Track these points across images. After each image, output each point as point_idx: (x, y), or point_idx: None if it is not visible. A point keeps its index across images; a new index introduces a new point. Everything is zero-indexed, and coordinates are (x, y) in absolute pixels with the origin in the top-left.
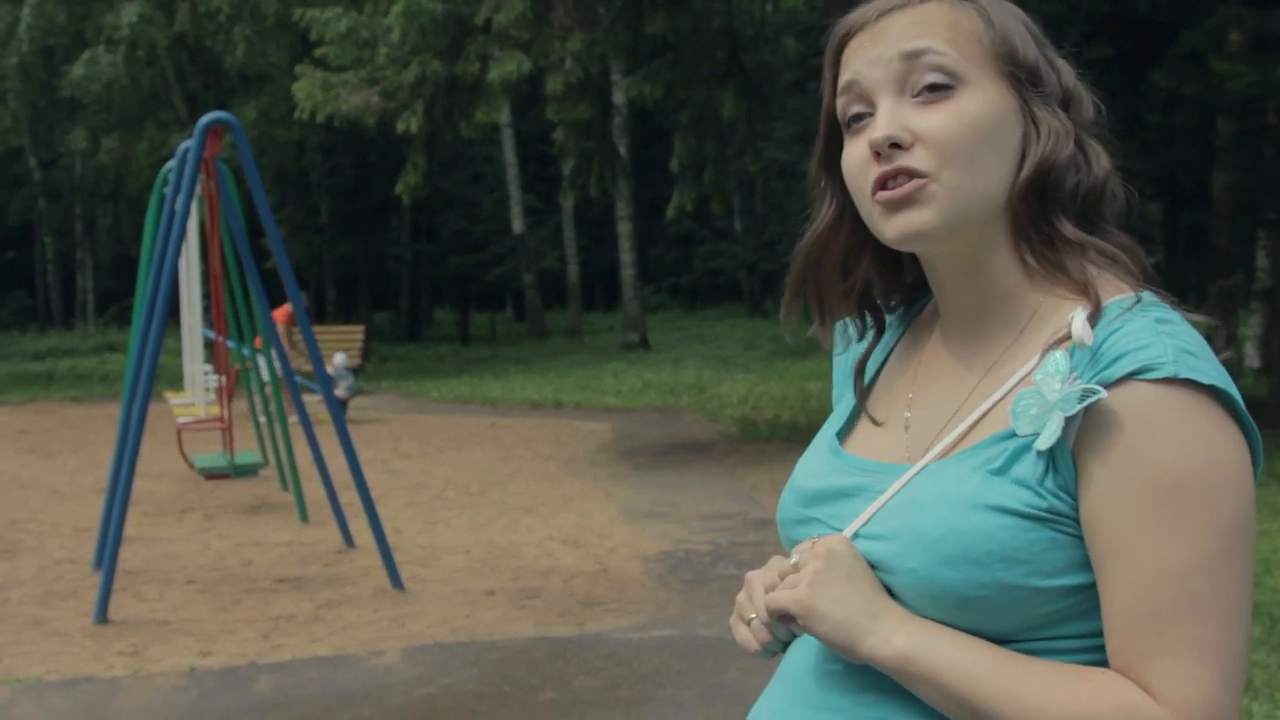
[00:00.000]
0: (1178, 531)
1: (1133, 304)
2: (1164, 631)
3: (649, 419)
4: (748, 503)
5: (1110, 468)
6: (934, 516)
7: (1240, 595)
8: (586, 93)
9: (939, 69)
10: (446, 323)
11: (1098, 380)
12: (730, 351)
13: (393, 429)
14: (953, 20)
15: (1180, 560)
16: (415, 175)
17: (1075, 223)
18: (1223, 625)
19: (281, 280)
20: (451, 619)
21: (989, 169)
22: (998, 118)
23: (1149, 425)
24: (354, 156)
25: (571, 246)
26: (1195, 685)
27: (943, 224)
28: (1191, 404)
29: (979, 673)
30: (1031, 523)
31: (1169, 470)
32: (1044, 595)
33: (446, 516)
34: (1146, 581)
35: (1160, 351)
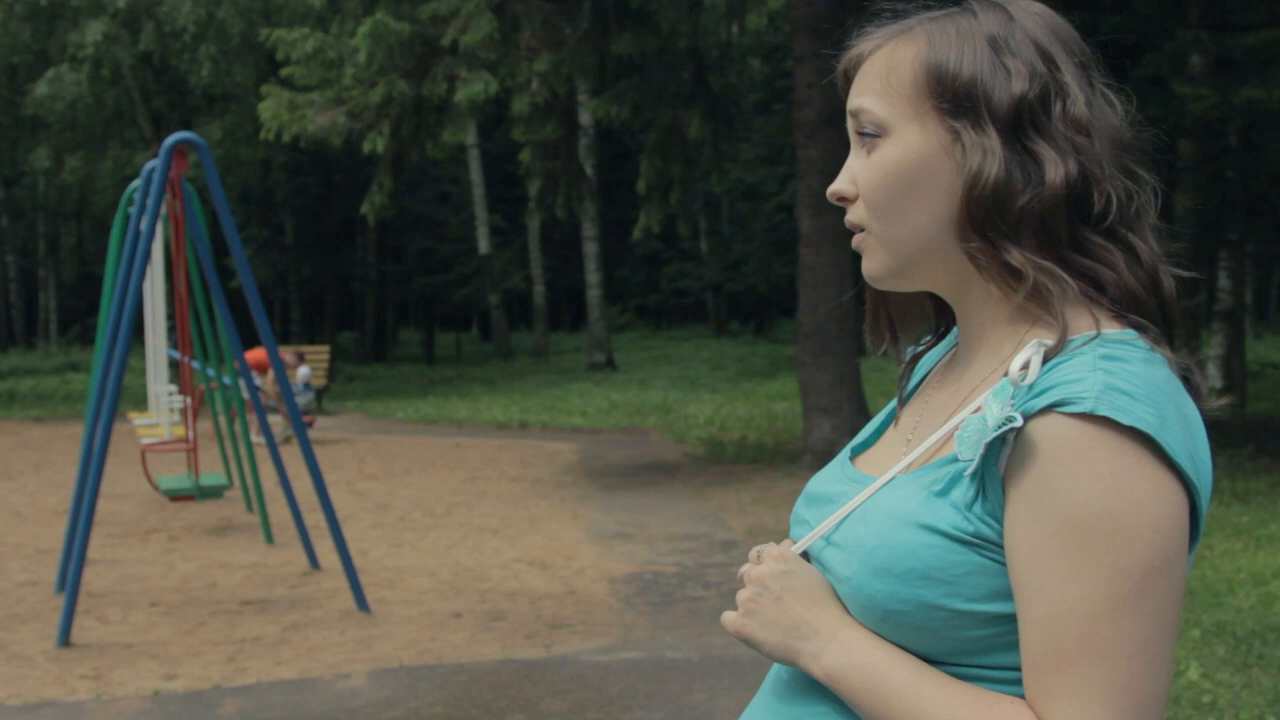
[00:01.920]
0: (1081, 571)
1: (1088, 340)
2: (1064, 670)
3: (615, 440)
4: (714, 524)
5: (1025, 499)
6: (873, 529)
7: (1148, 639)
8: (553, 113)
9: (872, 123)
10: (412, 343)
11: (1022, 410)
12: (696, 372)
13: (358, 450)
14: (891, 64)
15: (1082, 600)
16: (381, 195)
17: (1037, 242)
18: (1124, 669)
19: (246, 300)
20: (418, 641)
21: (912, 212)
22: (913, 162)
23: (1062, 459)
24: (319, 176)
25: (537, 267)
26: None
27: (884, 270)
28: (1108, 442)
29: (894, 693)
30: (957, 545)
31: (1077, 507)
32: (966, 619)
33: (412, 538)
34: (1050, 619)
35: (1086, 387)
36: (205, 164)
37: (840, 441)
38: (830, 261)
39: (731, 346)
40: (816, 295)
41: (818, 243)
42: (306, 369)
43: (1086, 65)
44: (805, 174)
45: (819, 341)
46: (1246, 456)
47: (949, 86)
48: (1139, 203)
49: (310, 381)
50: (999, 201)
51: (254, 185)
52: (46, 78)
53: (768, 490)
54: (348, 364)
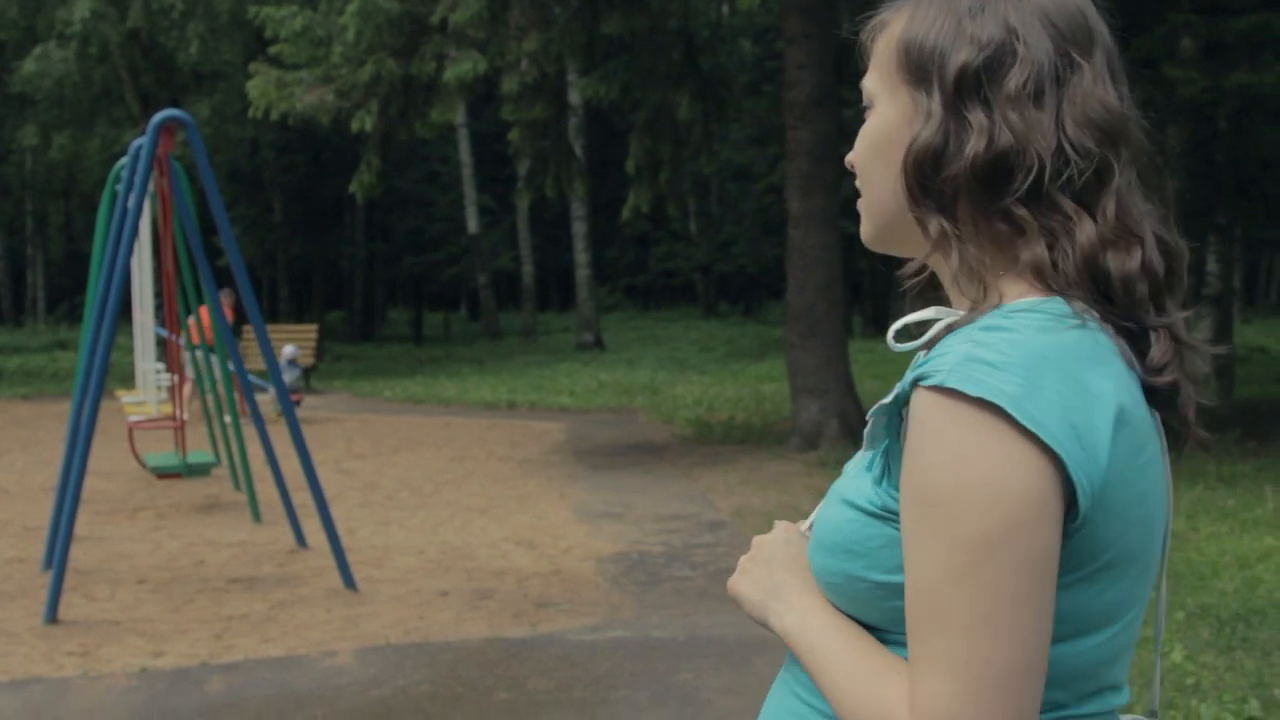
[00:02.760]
0: (925, 542)
1: (991, 310)
2: (916, 640)
3: (603, 420)
4: (702, 504)
5: (902, 473)
6: (823, 507)
7: (991, 611)
8: (542, 93)
9: (866, 97)
10: (400, 322)
11: (900, 386)
12: (685, 353)
13: (346, 429)
14: (885, 42)
15: (926, 572)
16: (369, 174)
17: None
18: (967, 640)
19: (234, 279)
20: (404, 620)
21: (880, 179)
22: (884, 131)
23: (918, 432)
24: (308, 155)
25: (526, 246)
26: (932, 699)
27: (867, 235)
28: (954, 414)
29: (819, 652)
30: (870, 518)
31: (923, 478)
32: (886, 590)
33: (400, 517)
34: (909, 589)
35: (946, 360)
36: (193, 142)
37: (828, 423)
38: (819, 243)
39: (720, 327)
40: (805, 276)
41: (806, 224)
42: (292, 347)
43: (1076, 40)
44: (795, 155)
45: (807, 323)
46: (1233, 440)
47: (913, 57)
48: (1088, 179)
49: (297, 359)
50: (931, 167)
51: (242, 163)
52: (34, 55)
53: (755, 471)
54: (336, 343)
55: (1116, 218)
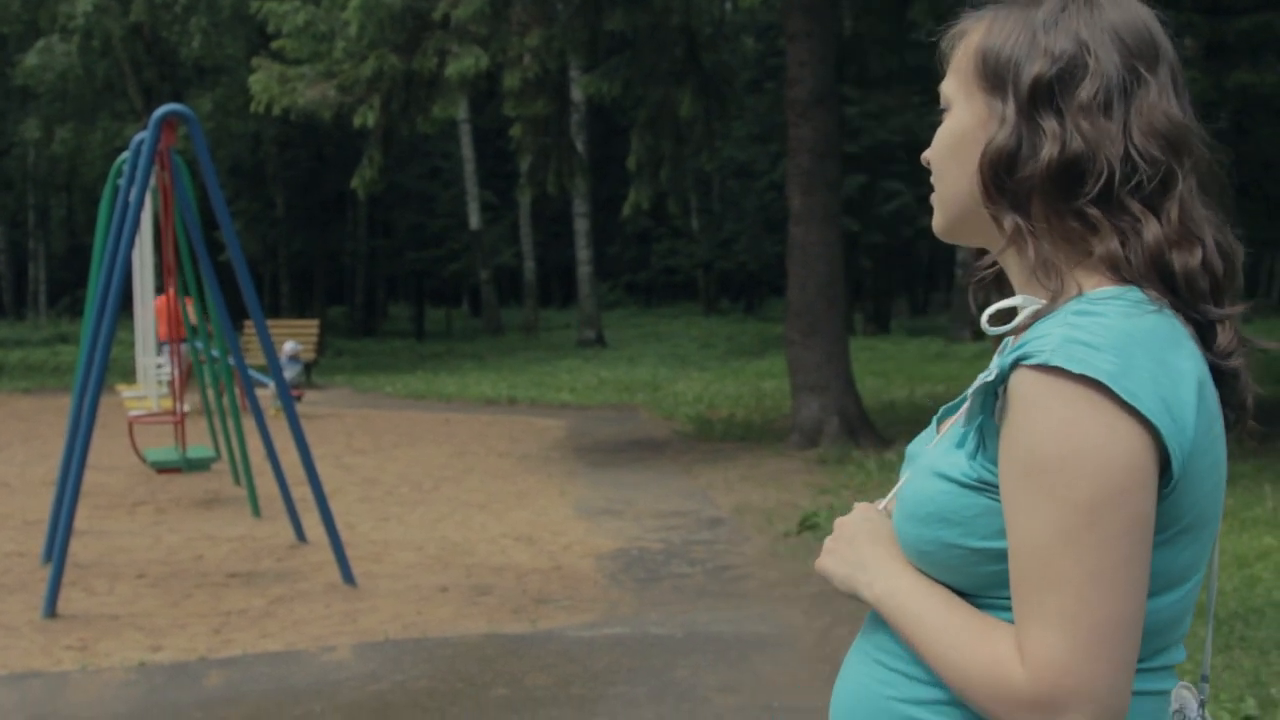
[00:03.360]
0: (1036, 507)
1: (1074, 299)
2: (1028, 598)
3: (604, 416)
4: (702, 501)
5: (1002, 445)
6: (911, 480)
7: (1099, 568)
8: (544, 89)
9: (943, 100)
10: (401, 318)
11: (1000, 366)
12: (686, 350)
13: (346, 424)
14: (964, 50)
15: (1038, 534)
16: (371, 170)
17: (1044, 211)
18: (1079, 596)
19: (235, 273)
20: (403, 615)
21: (954, 177)
22: (959, 132)
23: (1023, 408)
24: (310, 150)
25: (528, 243)
26: (1048, 650)
27: (939, 226)
28: (1059, 390)
29: (915, 614)
30: (965, 489)
31: (1032, 450)
32: (980, 556)
33: (399, 512)
34: (1017, 551)
35: (1047, 341)
36: (195, 137)
37: (828, 420)
38: (820, 240)
39: (721, 324)
40: (805, 274)
41: (807, 221)
42: (294, 343)
43: (1142, 55)
44: (796, 152)
45: (808, 320)
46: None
47: (989, 66)
48: (1154, 184)
49: (299, 355)
50: (1006, 169)
51: (244, 158)
52: (36, 48)
53: (755, 468)
54: (337, 338)
55: (1179, 220)
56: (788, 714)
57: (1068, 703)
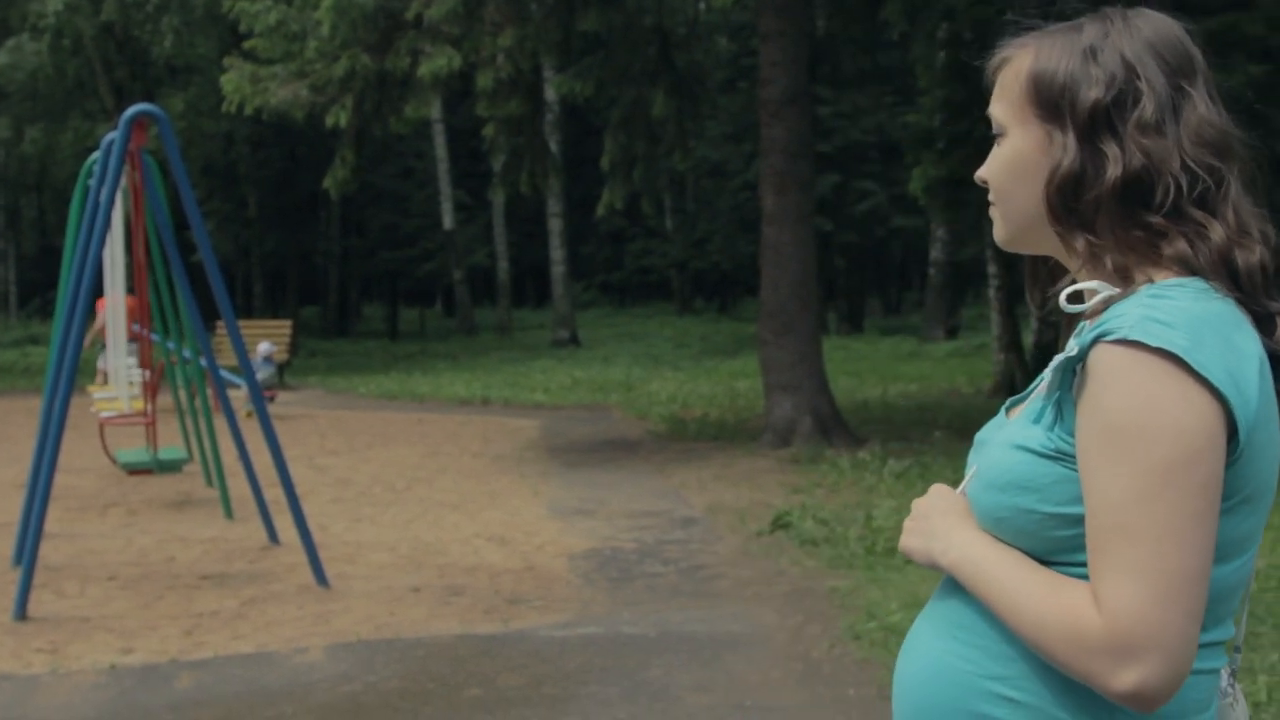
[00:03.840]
0: (1117, 469)
1: (1151, 285)
2: (1106, 551)
3: (578, 416)
4: (675, 501)
5: (1082, 414)
6: (989, 455)
7: (1174, 525)
8: (518, 89)
9: (996, 124)
10: (375, 318)
11: (1081, 343)
12: (660, 349)
13: (319, 425)
14: (1013, 76)
15: (1118, 492)
16: (344, 170)
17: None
18: (1156, 550)
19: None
20: (376, 616)
21: (1018, 196)
22: (1018, 158)
23: (1104, 378)
24: (283, 150)
25: (502, 243)
26: (1124, 600)
27: (1003, 237)
28: (1139, 361)
29: (991, 574)
30: (1043, 459)
31: (1114, 417)
32: (1056, 521)
33: (372, 513)
34: (1096, 508)
35: (1127, 319)
36: (165, 137)
37: (801, 420)
38: (792, 240)
39: (695, 324)
40: (778, 273)
41: (780, 221)
42: (268, 344)
43: (1183, 70)
44: (768, 152)
45: (780, 320)
46: None
47: (1044, 94)
48: (1211, 191)
49: (273, 356)
50: (1072, 193)
51: (217, 158)
52: (6, 47)
53: (728, 467)
54: (310, 339)
55: (1237, 221)
56: (760, 713)
57: (1140, 649)
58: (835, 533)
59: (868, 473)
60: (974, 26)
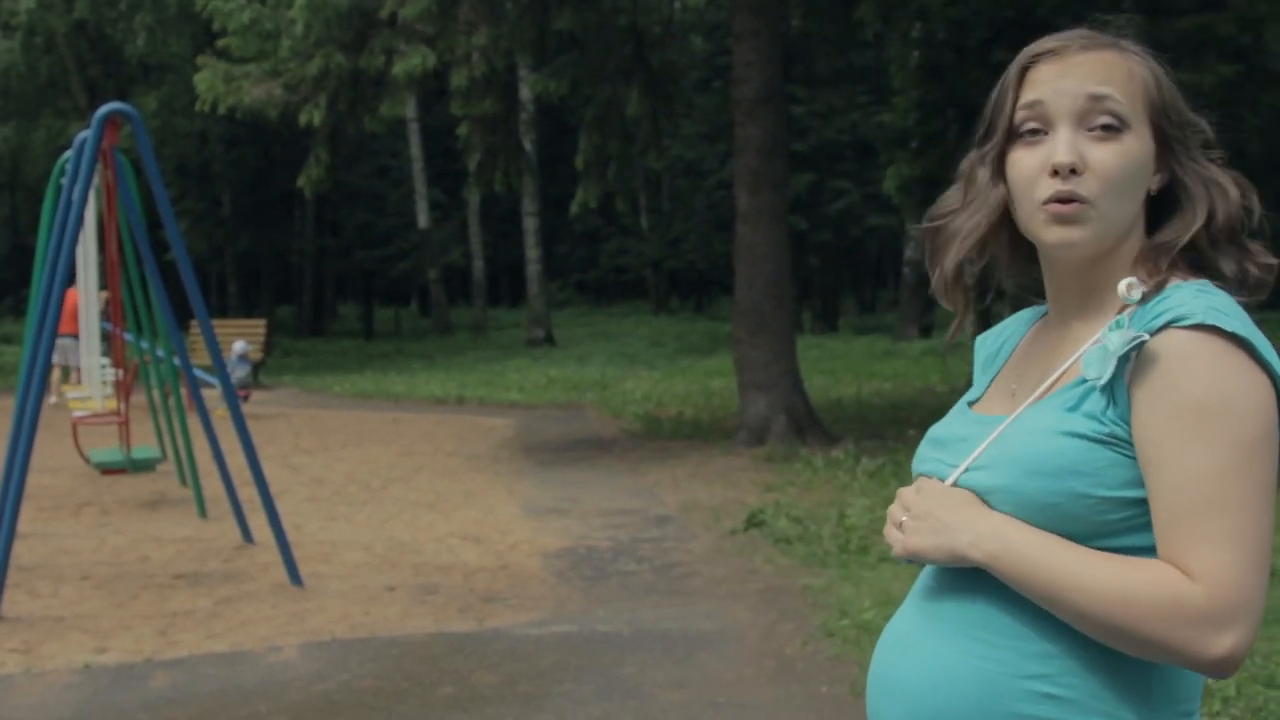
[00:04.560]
0: (1205, 445)
1: (1183, 283)
2: (1196, 524)
3: (553, 415)
4: (649, 499)
5: (1153, 396)
6: (1021, 442)
7: (1259, 498)
8: (492, 88)
9: (1114, 114)
10: (350, 317)
11: (1145, 330)
12: (635, 348)
13: (293, 424)
14: (1128, 72)
15: (1208, 467)
16: (318, 169)
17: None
18: (1245, 519)
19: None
20: (350, 615)
21: (1132, 200)
22: (1144, 160)
23: (1182, 361)
24: (257, 149)
25: (477, 242)
26: (1223, 567)
27: (1093, 239)
28: (1216, 346)
29: (1052, 559)
30: (1095, 444)
31: (1197, 396)
32: (1108, 504)
33: (347, 512)
34: (1183, 485)
35: (1194, 307)
36: (139, 135)
37: (775, 418)
38: (767, 239)
39: (670, 323)
40: (753, 273)
41: (755, 220)
42: (243, 343)
43: None
44: (743, 151)
45: (755, 319)
46: None
47: (1171, 113)
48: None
49: (248, 355)
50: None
51: (190, 157)
52: None
53: (702, 466)
54: (285, 338)
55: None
56: (734, 710)
57: (1238, 614)
58: (809, 531)
59: (841, 471)
60: (948, 26)
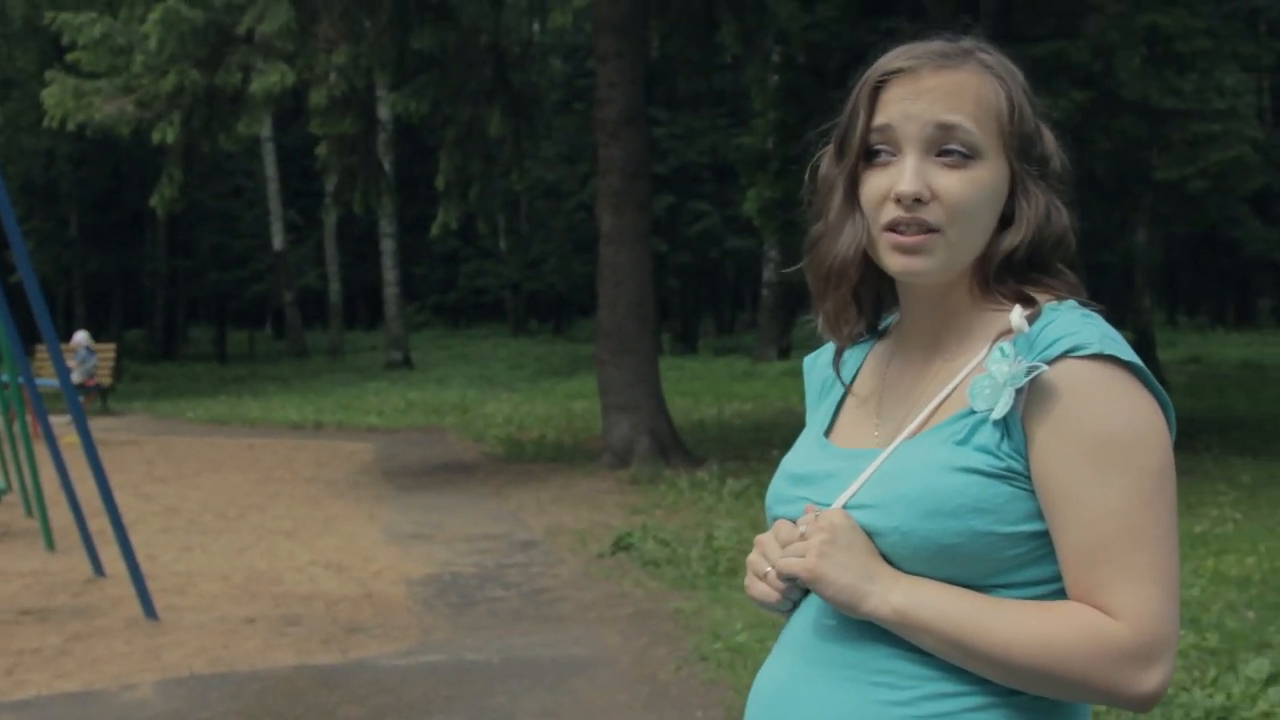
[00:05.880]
0: (1116, 478)
1: (1058, 304)
2: (1114, 561)
3: (413, 439)
4: (514, 523)
5: (1056, 431)
6: (913, 481)
7: (1170, 526)
8: (351, 107)
9: (964, 143)
10: (203, 341)
11: (1039, 359)
12: (494, 371)
13: (146, 451)
14: (980, 95)
15: (1122, 503)
16: (171, 188)
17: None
18: (1160, 552)
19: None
20: (209, 649)
21: (982, 229)
22: (996, 187)
23: (1084, 393)
24: (107, 167)
25: (333, 263)
26: (1145, 602)
27: (939, 269)
28: (1116, 376)
29: (962, 616)
30: (993, 479)
31: (1105, 431)
32: (1009, 540)
33: (203, 542)
34: (1096, 522)
35: (1089, 335)
36: None
37: (639, 440)
38: (630, 260)
39: (530, 345)
40: (616, 293)
41: (618, 241)
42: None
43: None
44: (606, 172)
45: (618, 340)
46: None
47: (1023, 133)
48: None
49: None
50: (1043, 240)
51: (37, 175)
52: None
53: (567, 489)
54: (135, 362)
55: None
56: None
57: (1163, 648)
58: (677, 553)
59: (707, 492)
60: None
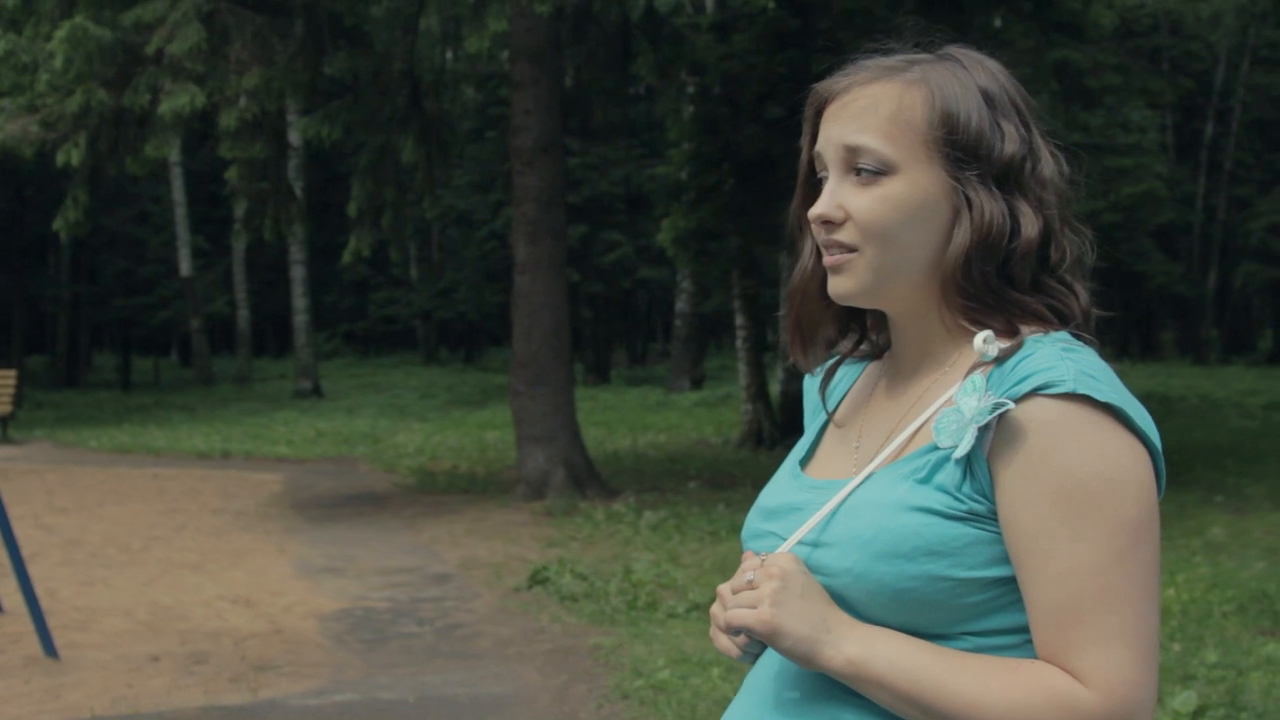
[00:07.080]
0: (1086, 531)
1: (1042, 336)
2: (1084, 621)
3: (323, 469)
4: (427, 556)
5: (1020, 474)
6: (866, 520)
7: (1148, 582)
8: (262, 131)
9: (874, 160)
10: (107, 368)
11: (1006, 395)
12: (406, 400)
13: (46, 481)
14: (895, 109)
15: (1091, 557)
16: (76, 211)
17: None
18: (1133, 612)
19: None
20: (112, 689)
21: (909, 245)
22: (920, 201)
23: (1053, 437)
24: (9, 190)
25: (242, 290)
26: (1117, 668)
27: (862, 290)
28: (1089, 417)
29: (920, 673)
30: (952, 521)
31: (1072, 476)
32: (969, 585)
33: (106, 576)
34: (1063, 577)
35: (1063, 372)
36: None
37: (555, 471)
38: (545, 289)
39: (441, 375)
40: (531, 323)
41: (533, 270)
42: None
43: (1035, 116)
44: (522, 201)
45: (533, 370)
46: None
47: (959, 139)
48: (1080, 252)
49: None
50: (997, 249)
51: None
52: None
53: (480, 521)
54: (36, 390)
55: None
56: None
57: (1135, 715)
58: (595, 587)
59: (623, 525)
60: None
